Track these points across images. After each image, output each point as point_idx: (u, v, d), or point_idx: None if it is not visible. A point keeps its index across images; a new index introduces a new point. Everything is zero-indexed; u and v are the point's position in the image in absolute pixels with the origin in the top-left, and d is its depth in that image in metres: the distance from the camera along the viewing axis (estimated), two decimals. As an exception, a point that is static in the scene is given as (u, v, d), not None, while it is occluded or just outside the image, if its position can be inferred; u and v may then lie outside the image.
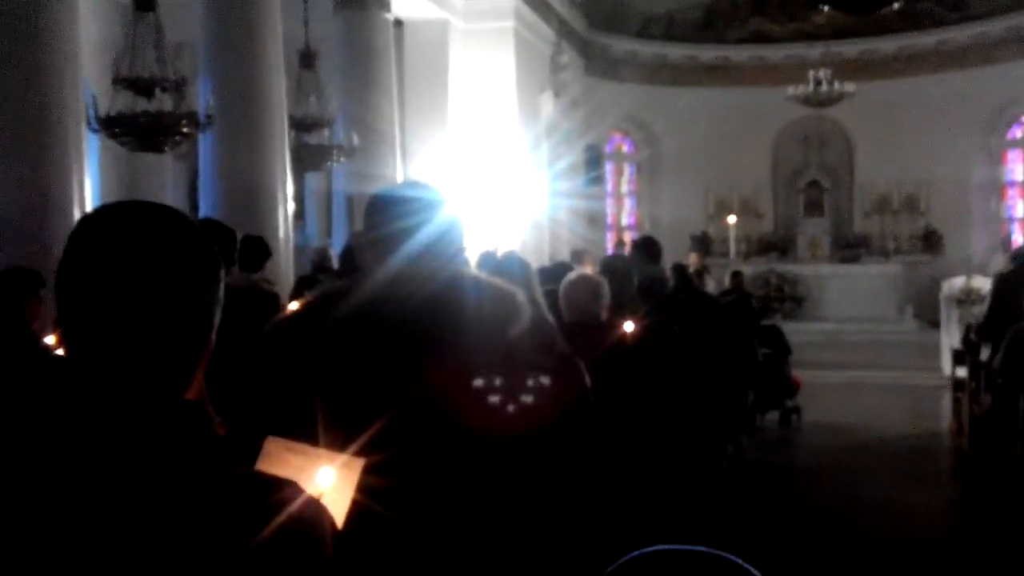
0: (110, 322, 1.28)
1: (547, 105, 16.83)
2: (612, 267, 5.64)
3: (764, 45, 21.90)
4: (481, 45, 15.36)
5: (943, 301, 14.23)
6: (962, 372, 9.80)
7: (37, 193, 6.92)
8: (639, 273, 5.53)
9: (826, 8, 20.35)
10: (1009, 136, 21.28)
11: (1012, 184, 21.32)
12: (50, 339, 3.97)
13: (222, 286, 1.39)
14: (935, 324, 16.12)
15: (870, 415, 11.31)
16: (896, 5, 19.74)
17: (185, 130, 8.26)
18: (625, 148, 23.12)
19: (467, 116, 15.23)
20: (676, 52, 21.87)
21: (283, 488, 1.30)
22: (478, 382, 2.04)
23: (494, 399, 2.08)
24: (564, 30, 18.61)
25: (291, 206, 10.11)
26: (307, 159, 10.96)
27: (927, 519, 7.13)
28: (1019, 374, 6.96)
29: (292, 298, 6.36)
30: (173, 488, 1.21)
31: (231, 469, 1.27)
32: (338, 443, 1.69)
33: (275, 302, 5.51)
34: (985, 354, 8.70)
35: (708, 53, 22.02)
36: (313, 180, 13.54)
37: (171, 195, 14.03)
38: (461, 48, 15.37)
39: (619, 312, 4.44)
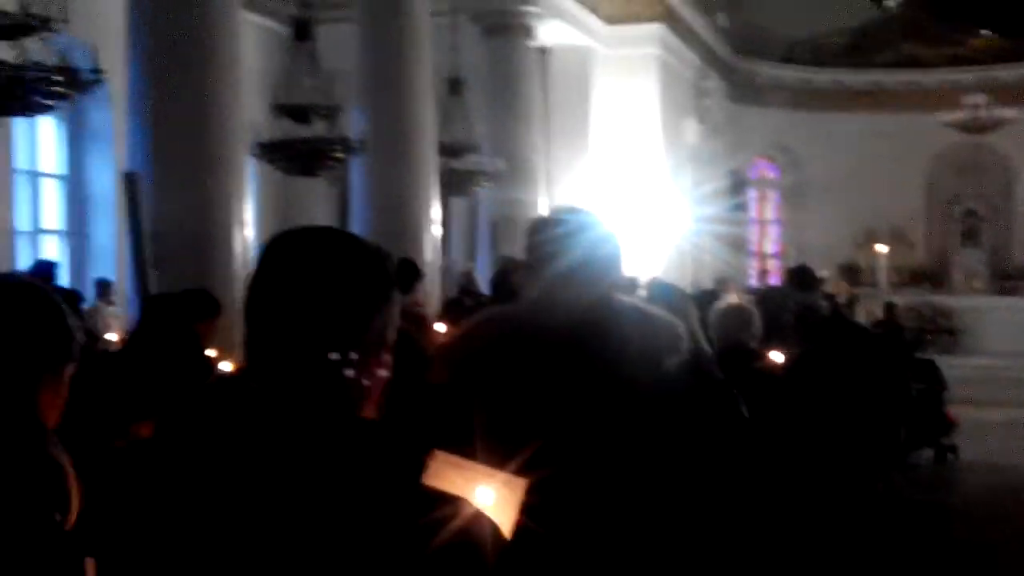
0: (295, 341, 1.33)
1: (690, 131, 16.69)
2: (766, 296, 5.54)
3: (916, 70, 21.21)
4: (625, 72, 15.36)
5: (1112, 337, 13.46)
6: None
7: (202, 216, 7.23)
8: (793, 302, 5.41)
9: (985, 32, 19.58)
10: None
11: None
12: (227, 365, 4.10)
13: (397, 307, 1.43)
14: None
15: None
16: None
17: (338, 155, 8.54)
18: (769, 174, 22.71)
19: (610, 142, 15.24)
20: (822, 77, 21.41)
21: (453, 503, 1.33)
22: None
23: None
24: (708, 56, 18.46)
25: (438, 229, 10.31)
26: (454, 184, 11.16)
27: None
28: None
29: (439, 320, 6.47)
30: (352, 503, 1.25)
31: (413, 483, 1.30)
32: (496, 462, 1.71)
33: (425, 324, 5.61)
34: None
35: (856, 78, 21.48)
36: (457, 204, 13.77)
37: (322, 218, 14.48)
38: (604, 75, 15.40)
39: (772, 342, 4.35)
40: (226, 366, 4.13)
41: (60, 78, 6.02)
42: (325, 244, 1.40)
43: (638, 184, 14.99)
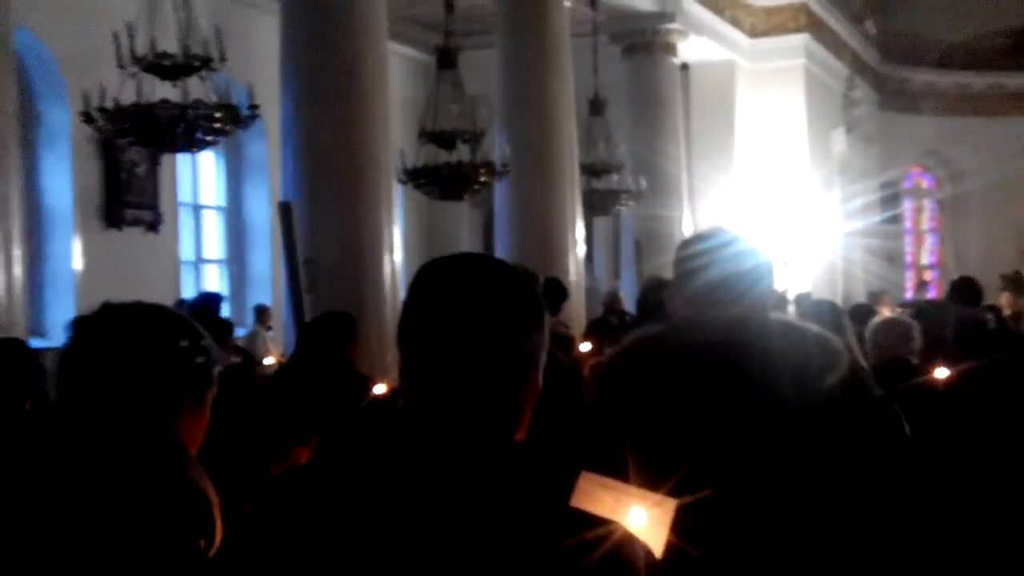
0: (450, 367, 1.36)
1: (839, 142, 16.25)
2: (922, 310, 5.33)
3: (1084, 70, 20.11)
4: (769, 85, 15.10)
5: None
6: None
7: (352, 240, 7.45)
8: (953, 316, 5.20)
9: None
10: None
11: None
12: (379, 388, 4.19)
13: (547, 329, 1.45)
14: None
15: None
16: None
17: (483, 179, 8.66)
18: (925, 184, 21.88)
19: (755, 157, 14.98)
20: (980, 81, 20.50)
21: (604, 525, 1.33)
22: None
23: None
24: (857, 65, 17.95)
25: (581, 249, 10.33)
26: (596, 203, 11.16)
27: None
28: None
29: (585, 340, 6.46)
30: (507, 527, 1.27)
31: (563, 505, 1.31)
32: (648, 483, 1.70)
33: (572, 344, 5.62)
34: None
35: (1018, 81, 20.49)
36: (601, 223, 13.76)
37: (467, 241, 14.71)
38: (748, 88, 15.17)
39: (932, 357, 4.18)
40: (379, 389, 4.23)
41: (220, 114, 6.29)
42: (476, 270, 1.42)
43: (785, 198, 14.67)
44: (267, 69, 8.33)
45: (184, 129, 6.16)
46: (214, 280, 12.33)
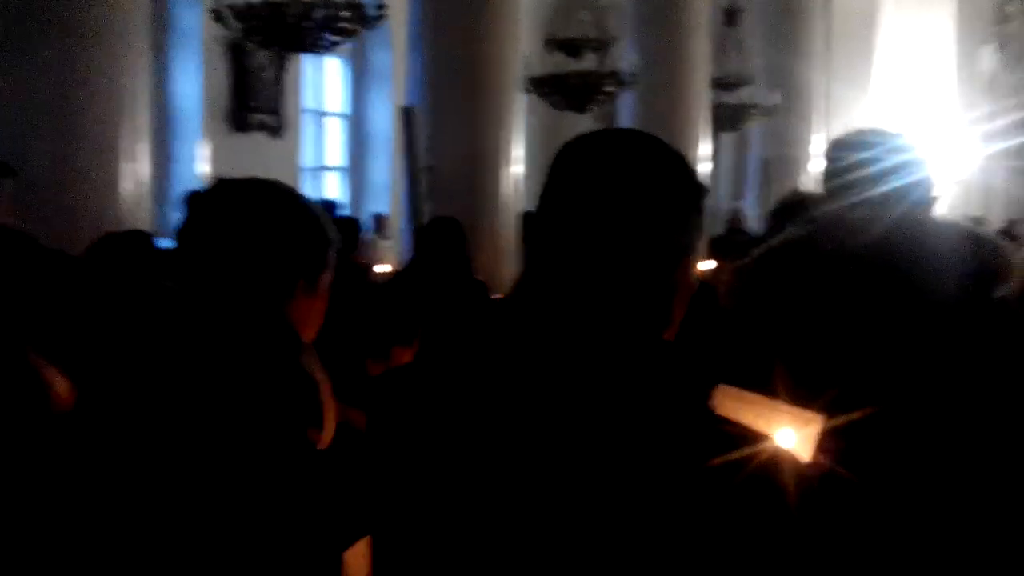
0: (595, 256, 1.19)
1: (987, 59, 15.33)
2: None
3: None
4: (916, 3, 14.29)
5: None
6: None
7: (473, 150, 7.35)
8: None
9: None
10: None
11: None
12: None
13: (702, 217, 1.29)
14: None
15: None
16: None
17: (609, 89, 8.41)
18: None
19: (896, 78, 14.26)
20: None
21: (753, 443, 1.19)
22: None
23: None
24: (1012, -21, 16.84)
25: (706, 166, 10.02)
26: (725, 118, 10.78)
27: None
28: None
29: (707, 258, 6.24)
30: (655, 436, 1.13)
31: (711, 418, 1.17)
32: (797, 399, 1.54)
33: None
34: None
35: None
36: (727, 139, 13.31)
37: (589, 156, 14.42)
38: (895, 7, 14.38)
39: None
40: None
41: (347, 14, 6.23)
42: (630, 145, 1.24)
43: (924, 121, 13.95)
44: (393, -27, 8.19)
45: (311, 28, 6.13)
46: (334, 188, 12.42)
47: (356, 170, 12.50)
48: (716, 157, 13.40)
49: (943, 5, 14.49)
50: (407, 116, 6.84)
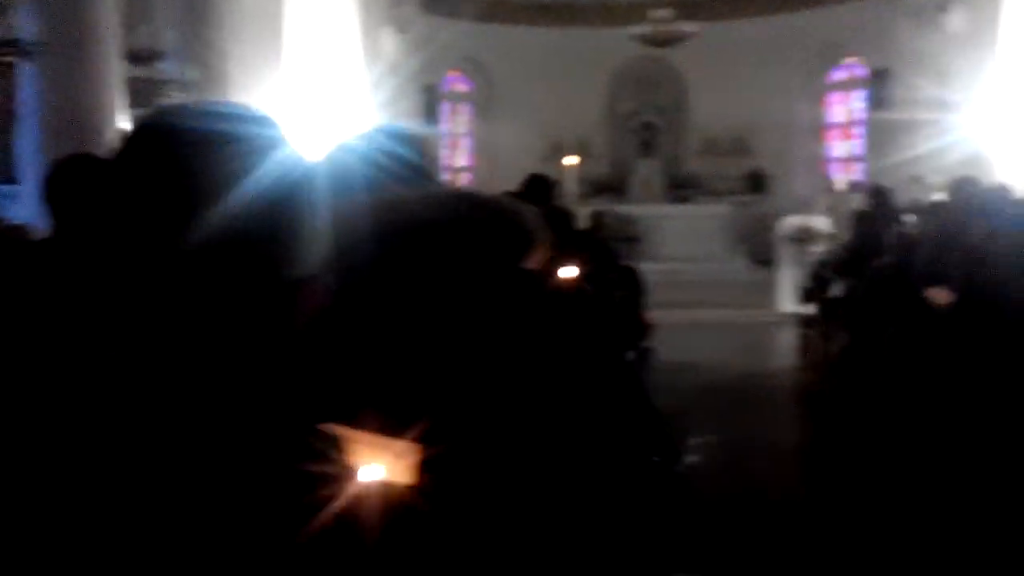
0: None
1: (388, 41, 16.30)
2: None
3: (601, -15, 21.93)
4: (319, -24, 14.68)
5: (777, 240, 14.68)
6: (810, 309, 10.09)
7: None
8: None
9: None
10: (829, 79, 22.08)
11: (832, 126, 22.20)
12: None
13: None
14: (764, 263, 16.70)
15: (718, 353, 11.58)
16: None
17: (7, 59, 7.48)
18: (462, 87, 22.79)
19: (305, 51, 14.55)
20: (513, -10, 21.65)
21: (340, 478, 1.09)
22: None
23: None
24: (400, -36, 18.06)
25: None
26: (141, 94, 10.18)
27: (785, 457, 7.32)
28: (881, 310, 7.13)
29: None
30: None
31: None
32: (390, 428, 1.38)
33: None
34: (836, 291, 8.96)
35: (539, -8, 21.90)
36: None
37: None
38: (299, -21, 14.63)
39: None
40: None
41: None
42: None
43: (334, 96, 14.45)
44: None
45: None
46: None
47: None
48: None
49: (343, -15, 15.04)
50: None
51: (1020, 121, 13.64)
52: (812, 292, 10.04)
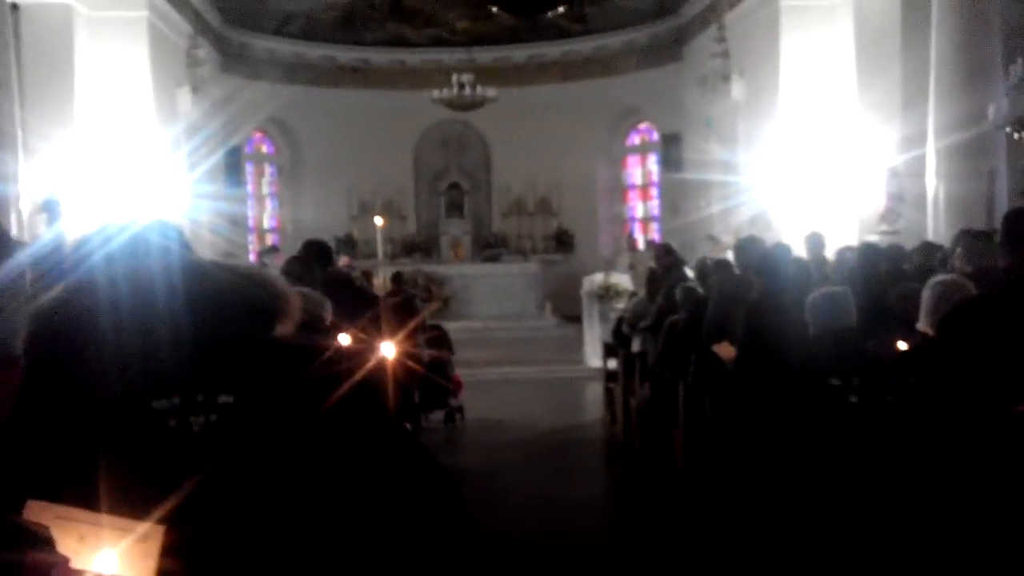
0: None
1: (185, 102, 15.90)
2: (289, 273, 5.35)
3: (403, 49, 22.13)
4: (111, 35, 14.22)
5: (584, 297, 15.02)
6: (612, 364, 10.35)
7: None
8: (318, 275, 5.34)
9: (495, 8, 20.90)
10: (628, 143, 23.01)
11: (632, 187, 23.08)
12: None
13: None
14: (572, 319, 17.07)
15: (527, 409, 11.69)
16: (561, 9, 20.69)
17: None
18: (266, 149, 22.44)
19: (97, 112, 14.01)
20: (315, 52, 21.57)
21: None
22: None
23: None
24: (200, 24, 17.71)
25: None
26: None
27: (592, 509, 7.43)
28: (675, 365, 7.39)
29: None
30: None
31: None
32: (132, 508, 1.29)
33: None
34: (636, 346, 9.23)
35: (347, 54, 21.91)
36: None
37: None
38: (88, 38, 14.12)
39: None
40: None
41: None
42: None
43: (130, 158, 13.95)
44: None
45: None
46: None
47: None
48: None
49: (137, 41, 14.58)
50: None
51: (796, 181, 14.59)
52: (614, 348, 10.31)
